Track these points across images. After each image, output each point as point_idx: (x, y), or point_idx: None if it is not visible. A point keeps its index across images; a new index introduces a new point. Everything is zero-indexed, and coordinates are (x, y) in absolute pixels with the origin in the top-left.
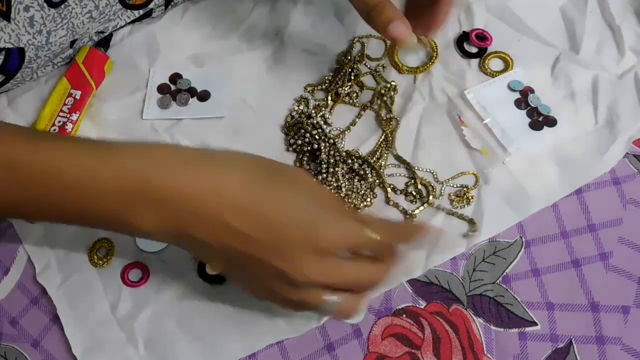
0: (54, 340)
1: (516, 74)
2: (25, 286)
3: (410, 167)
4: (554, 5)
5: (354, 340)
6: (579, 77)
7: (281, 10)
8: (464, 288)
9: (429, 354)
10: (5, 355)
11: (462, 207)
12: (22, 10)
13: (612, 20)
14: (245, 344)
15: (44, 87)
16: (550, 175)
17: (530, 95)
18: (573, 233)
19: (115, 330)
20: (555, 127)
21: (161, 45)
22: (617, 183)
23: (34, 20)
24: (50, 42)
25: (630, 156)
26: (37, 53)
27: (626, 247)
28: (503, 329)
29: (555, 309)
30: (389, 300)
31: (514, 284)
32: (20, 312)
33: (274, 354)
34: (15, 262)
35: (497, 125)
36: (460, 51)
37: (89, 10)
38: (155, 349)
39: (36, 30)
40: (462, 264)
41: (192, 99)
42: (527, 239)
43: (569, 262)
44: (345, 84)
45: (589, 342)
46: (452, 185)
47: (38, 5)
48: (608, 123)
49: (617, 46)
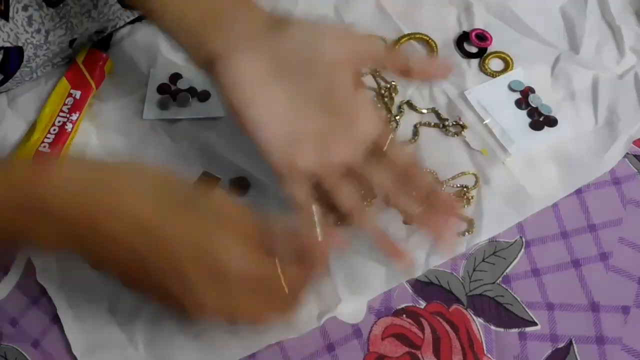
0: (54, 340)
1: (516, 74)
2: (25, 286)
3: None
4: (554, 5)
5: (354, 340)
6: (579, 77)
7: (281, 10)
8: (464, 288)
9: (429, 354)
10: (5, 355)
11: (462, 207)
12: (21, 9)
13: (612, 20)
14: (245, 344)
15: (44, 87)
16: (550, 175)
17: (530, 95)
18: (573, 233)
19: (115, 330)
20: (556, 127)
21: (161, 45)
22: (617, 183)
23: (32, 19)
24: (49, 41)
25: (630, 156)
26: (35, 52)
27: (626, 247)
28: (503, 329)
29: (555, 309)
30: (389, 300)
31: (514, 284)
32: (20, 312)
33: (274, 354)
34: (15, 262)
35: (498, 125)
36: (460, 51)
37: (87, 9)
38: (155, 349)
39: (35, 29)
40: (462, 264)
41: (192, 99)
42: (527, 239)
43: (569, 262)
44: None
45: (589, 342)
46: (452, 185)
47: (37, 4)
48: (608, 123)
49: (617, 46)
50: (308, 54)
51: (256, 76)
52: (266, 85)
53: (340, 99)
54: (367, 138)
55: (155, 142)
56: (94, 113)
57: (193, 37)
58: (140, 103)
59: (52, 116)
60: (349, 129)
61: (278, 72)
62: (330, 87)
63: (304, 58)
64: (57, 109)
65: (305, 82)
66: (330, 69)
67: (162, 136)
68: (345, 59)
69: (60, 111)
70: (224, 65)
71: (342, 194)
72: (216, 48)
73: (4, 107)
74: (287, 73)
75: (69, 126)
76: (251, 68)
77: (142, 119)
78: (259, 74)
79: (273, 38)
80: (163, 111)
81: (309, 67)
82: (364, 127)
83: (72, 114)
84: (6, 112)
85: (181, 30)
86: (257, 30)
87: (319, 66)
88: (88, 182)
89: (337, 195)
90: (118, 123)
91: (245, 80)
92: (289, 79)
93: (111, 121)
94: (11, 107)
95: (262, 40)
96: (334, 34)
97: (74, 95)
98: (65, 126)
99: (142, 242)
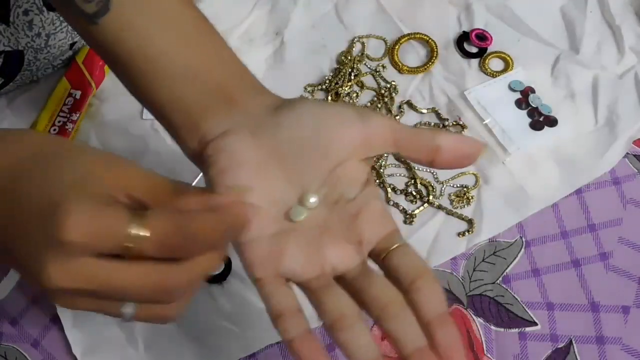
0: (54, 340)
1: (517, 74)
2: (25, 286)
3: (411, 167)
4: (554, 5)
5: None
6: (579, 77)
7: (281, 10)
8: (464, 288)
9: None
10: (5, 355)
11: (462, 207)
12: (21, 14)
13: (612, 20)
14: (245, 344)
15: (43, 87)
16: (550, 175)
17: (531, 95)
18: (573, 233)
19: (115, 330)
20: (556, 127)
21: None
22: (617, 183)
23: (32, 23)
24: (49, 45)
25: (630, 156)
26: (36, 56)
27: (626, 247)
28: (503, 329)
29: (555, 309)
30: None
31: (514, 284)
32: (20, 312)
33: (274, 354)
34: None
35: (498, 125)
36: (460, 51)
37: None
38: (155, 349)
39: (35, 34)
40: (462, 264)
41: None
42: (527, 239)
43: (569, 262)
44: (346, 84)
45: (589, 342)
46: (452, 185)
47: (37, 9)
48: (608, 123)
49: (617, 46)
50: (313, 141)
51: (251, 161)
52: (261, 172)
53: (343, 193)
54: (370, 241)
55: (155, 142)
56: (94, 113)
57: (187, 119)
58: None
59: (52, 116)
60: (351, 228)
61: (278, 157)
62: (335, 178)
63: (308, 144)
64: (57, 109)
65: (307, 171)
66: (336, 158)
67: (162, 136)
68: (356, 146)
69: (60, 111)
70: (218, 145)
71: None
72: (211, 130)
73: (4, 107)
74: (288, 159)
75: (69, 126)
76: (248, 150)
77: (142, 119)
78: (256, 157)
79: (276, 121)
80: None
81: (313, 154)
82: (368, 227)
83: (72, 114)
84: (6, 112)
85: (175, 110)
86: (259, 113)
87: (324, 154)
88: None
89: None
90: (118, 123)
91: (241, 161)
92: (289, 166)
93: (111, 121)
94: (11, 108)
95: (264, 123)
96: (345, 117)
97: (74, 95)
98: (65, 126)
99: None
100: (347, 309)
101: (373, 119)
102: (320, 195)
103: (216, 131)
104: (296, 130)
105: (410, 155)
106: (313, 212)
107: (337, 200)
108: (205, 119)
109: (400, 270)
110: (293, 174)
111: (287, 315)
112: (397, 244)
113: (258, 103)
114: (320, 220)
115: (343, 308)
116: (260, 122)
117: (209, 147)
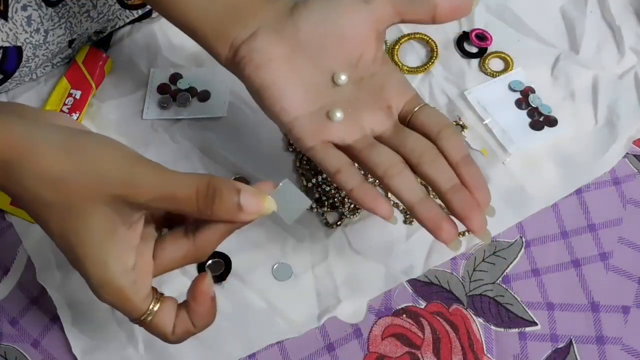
0: (54, 340)
1: (517, 74)
2: (25, 286)
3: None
4: (554, 5)
5: (354, 340)
6: (579, 77)
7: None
8: (464, 288)
9: (429, 354)
10: (5, 355)
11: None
12: (20, 9)
13: (612, 20)
14: (245, 344)
15: (43, 87)
16: (550, 175)
17: (531, 95)
18: (573, 233)
19: (115, 330)
20: (556, 127)
21: (161, 45)
22: (617, 183)
23: (31, 19)
24: (48, 41)
25: (630, 156)
26: (34, 52)
27: (626, 247)
28: (503, 329)
29: (555, 309)
30: (389, 300)
31: (514, 284)
32: (20, 312)
33: (274, 354)
34: (15, 262)
35: (498, 125)
36: (460, 51)
37: (87, 9)
38: (155, 349)
39: (34, 29)
40: (462, 264)
41: (192, 99)
42: (527, 239)
43: (569, 262)
44: None
45: (589, 342)
46: None
47: (36, 4)
48: (608, 123)
49: (617, 46)
50: (329, 30)
51: (280, 55)
52: (291, 63)
53: (365, 70)
54: (398, 106)
55: (156, 142)
56: (94, 113)
57: (216, 30)
58: (140, 103)
59: None
60: (379, 97)
61: (303, 49)
62: (354, 58)
63: (326, 34)
64: (57, 109)
65: (330, 56)
66: (352, 41)
67: (162, 136)
68: (368, 27)
69: (60, 111)
70: (249, 46)
71: (376, 159)
72: (240, 35)
73: None
74: (312, 49)
75: None
76: (276, 46)
77: (142, 119)
78: (283, 51)
79: (295, 19)
80: (163, 111)
81: (332, 41)
82: (393, 94)
83: (72, 114)
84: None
85: (205, 24)
86: (279, 14)
87: (341, 40)
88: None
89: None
90: (118, 123)
91: (272, 57)
92: (314, 54)
93: (111, 121)
94: None
95: (285, 22)
96: (352, 5)
97: (74, 95)
98: None
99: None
100: (394, 158)
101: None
102: (347, 73)
103: (244, 35)
104: (314, 24)
105: (413, 18)
106: (344, 88)
107: (361, 78)
108: (233, 26)
109: (426, 125)
110: (319, 61)
111: (343, 170)
112: (419, 105)
113: (276, 7)
114: (352, 96)
115: (390, 159)
116: (281, 21)
117: (241, 49)
